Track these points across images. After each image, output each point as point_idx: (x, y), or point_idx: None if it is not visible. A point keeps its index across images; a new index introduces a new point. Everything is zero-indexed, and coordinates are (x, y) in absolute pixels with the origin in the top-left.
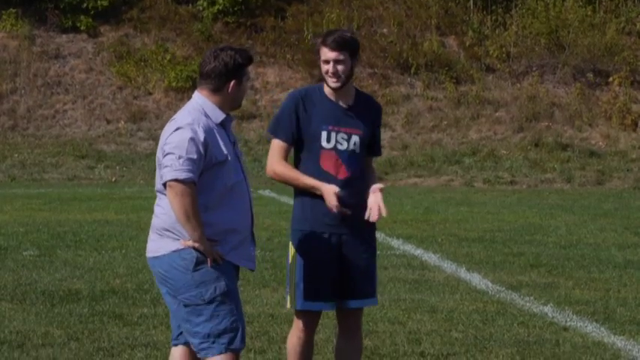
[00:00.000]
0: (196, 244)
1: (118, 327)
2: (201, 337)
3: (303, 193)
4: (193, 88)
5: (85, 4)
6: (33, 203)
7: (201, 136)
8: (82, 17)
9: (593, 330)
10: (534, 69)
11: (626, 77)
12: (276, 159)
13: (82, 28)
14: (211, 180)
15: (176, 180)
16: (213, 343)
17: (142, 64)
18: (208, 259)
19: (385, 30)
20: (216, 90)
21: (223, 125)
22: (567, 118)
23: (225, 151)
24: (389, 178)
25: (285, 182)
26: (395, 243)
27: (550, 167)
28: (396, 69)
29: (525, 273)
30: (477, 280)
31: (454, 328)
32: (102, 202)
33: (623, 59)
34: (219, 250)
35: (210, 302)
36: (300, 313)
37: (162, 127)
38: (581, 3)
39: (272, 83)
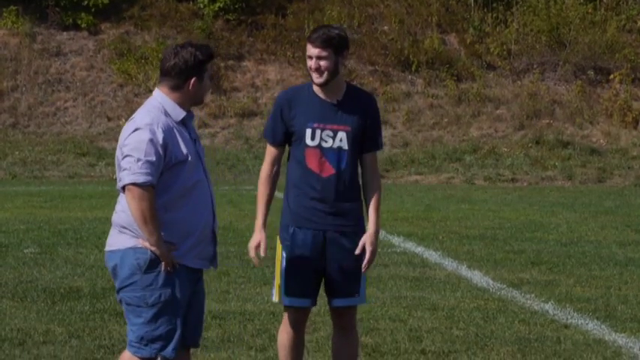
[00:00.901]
0: (153, 248)
1: (119, 324)
2: (133, 337)
3: (289, 188)
4: None
5: (85, 2)
6: (34, 201)
7: (160, 137)
8: (83, 15)
9: (594, 327)
10: (535, 66)
11: (627, 75)
12: (266, 163)
13: (83, 25)
14: (171, 180)
15: (134, 184)
16: (145, 346)
17: (143, 61)
18: (163, 263)
19: (386, 27)
20: (176, 87)
21: (184, 123)
22: (568, 115)
23: (186, 151)
24: (390, 176)
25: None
26: (396, 240)
27: (551, 165)
28: (396, 66)
29: (526, 270)
30: (477, 277)
31: (455, 325)
32: (103, 200)
33: (623, 57)
34: (176, 255)
35: (151, 306)
36: (287, 309)
37: None
38: (581, 0)
39: (273, 81)
